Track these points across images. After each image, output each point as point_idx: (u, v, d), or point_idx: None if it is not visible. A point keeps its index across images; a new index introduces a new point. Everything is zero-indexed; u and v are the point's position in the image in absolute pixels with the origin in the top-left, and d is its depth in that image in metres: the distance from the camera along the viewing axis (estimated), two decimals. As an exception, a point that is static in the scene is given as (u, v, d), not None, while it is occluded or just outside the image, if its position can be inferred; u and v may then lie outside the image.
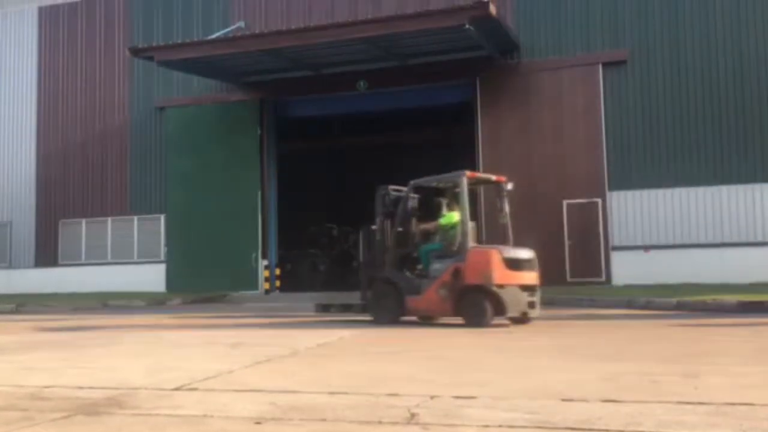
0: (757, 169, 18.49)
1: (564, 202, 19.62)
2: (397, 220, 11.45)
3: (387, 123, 26.00)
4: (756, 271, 17.45)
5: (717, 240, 18.57)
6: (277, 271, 22.42)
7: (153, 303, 19.00)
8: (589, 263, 19.26)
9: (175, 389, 5.48)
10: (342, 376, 6.06)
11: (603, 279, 19.12)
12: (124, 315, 15.68)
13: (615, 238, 19.29)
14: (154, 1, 23.81)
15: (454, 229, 10.89)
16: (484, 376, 5.86)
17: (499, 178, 11.41)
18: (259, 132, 22.50)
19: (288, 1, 22.38)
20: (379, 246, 11.60)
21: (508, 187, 11.28)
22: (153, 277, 22.78)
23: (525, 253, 10.62)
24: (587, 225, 19.41)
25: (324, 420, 4.35)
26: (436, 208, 11.52)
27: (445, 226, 11.16)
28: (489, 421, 4.20)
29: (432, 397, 4.90)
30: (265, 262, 22.13)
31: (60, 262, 24.32)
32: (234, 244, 21.97)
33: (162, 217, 23.28)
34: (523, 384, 5.47)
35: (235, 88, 22.77)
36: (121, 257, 23.66)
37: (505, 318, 10.36)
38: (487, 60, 20.29)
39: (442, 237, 11.23)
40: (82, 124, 24.46)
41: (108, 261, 23.82)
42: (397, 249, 11.51)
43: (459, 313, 10.44)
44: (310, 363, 7.02)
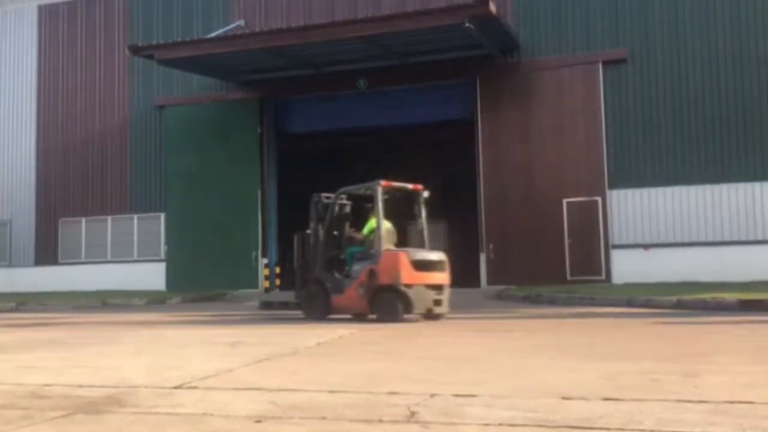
0: (756, 168, 18.50)
1: (564, 201, 19.64)
2: (325, 225, 12.35)
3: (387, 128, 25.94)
4: (756, 269, 17.47)
5: (717, 238, 18.58)
6: (277, 270, 22.43)
7: (153, 301, 19.00)
8: (588, 262, 19.28)
9: (175, 388, 5.48)
10: (342, 374, 6.06)
11: (603, 277, 19.14)
12: (124, 313, 15.69)
13: (615, 237, 19.30)
14: (153, 0, 23.80)
15: (373, 233, 11.81)
16: (483, 375, 5.86)
17: (416, 187, 12.16)
18: (258, 130, 22.50)
19: (288, 0, 22.37)
20: (312, 249, 12.49)
21: (424, 194, 12.11)
22: (153, 275, 22.79)
23: (434, 255, 11.66)
24: (587, 223, 19.42)
25: (324, 418, 4.35)
26: (366, 214, 12.37)
27: (369, 231, 12.08)
28: (489, 419, 4.20)
29: (432, 396, 4.90)
30: (265, 261, 22.15)
31: (60, 261, 24.33)
32: (234, 243, 21.98)
33: (162, 215, 23.29)
34: (522, 383, 5.47)
35: (234, 87, 22.77)
36: (121, 256, 23.67)
37: (416, 314, 11.23)
38: (488, 59, 20.29)
39: (366, 241, 12.14)
40: (82, 123, 24.47)
41: (108, 260, 23.83)
42: (326, 252, 12.40)
43: (374, 310, 11.32)
44: (310, 362, 7.02)
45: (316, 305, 12.08)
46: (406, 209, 12.60)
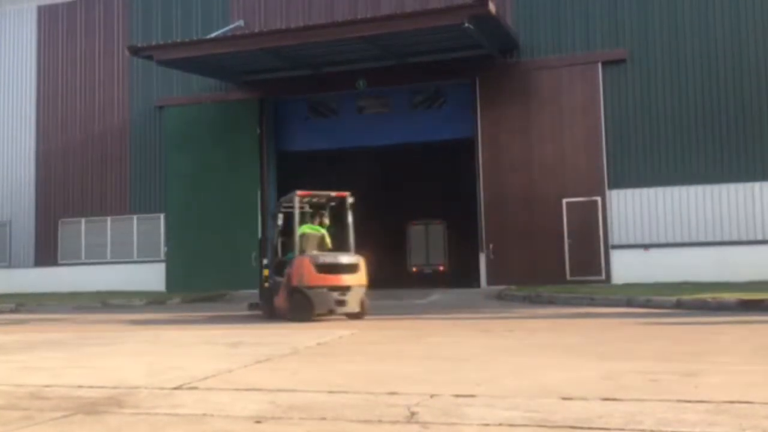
0: (756, 168, 18.50)
1: (563, 201, 19.64)
2: (275, 232, 13.45)
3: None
4: (756, 269, 17.47)
5: (716, 238, 18.58)
6: (277, 270, 22.39)
7: (153, 302, 19.00)
8: (588, 262, 19.28)
9: (175, 388, 5.49)
10: (342, 375, 6.06)
11: (603, 277, 19.14)
12: (124, 314, 15.69)
13: (614, 237, 19.30)
14: (153, 0, 23.80)
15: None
16: (483, 375, 5.86)
17: (339, 194, 12.99)
18: (258, 131, 22.50)
19: (287, 0, 22.37)
20: (271, 254, 13.62)
21: (349, 200, 12.84)
22: (153, 276, 22.78)
23: (344, 258, 12.37)
24: (587, 224, 19.42)
25: (324, 419, 4.35)
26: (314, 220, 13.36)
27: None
28: (489, 419, 4.20)
29: (432, 396, 4.91)
30: (265, 261, 22.09)
31: (60, 262, 24.32)
32: (233, 243, 21.96)
33: (161, 216, 23.27)
34: (522, 382, 5.47)
35: (234, 87, 22.77)
36: (121, 256, 23.66)
37: (341, 314, 12.09)
38: (487, 59, 20.29)
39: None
40: (82, 124, 24.46)
41: (108, 260, 23.82)
42: (276, 256, 13.51)
43: (291, 310, 12.08)
44: (310, 362, 7.02)
45: (268, 306, 13.11)
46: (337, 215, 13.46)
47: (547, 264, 19.46)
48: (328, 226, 13.18)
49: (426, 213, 28.49)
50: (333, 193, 13.02)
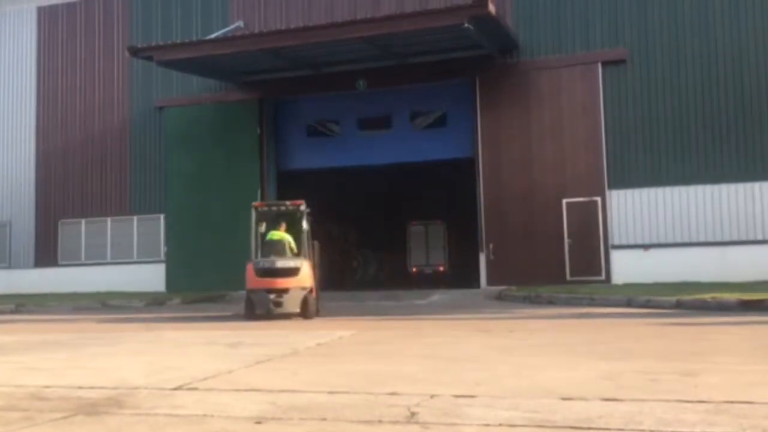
0: (756, 168, 18.49)
1: (564, 201, 19.63)
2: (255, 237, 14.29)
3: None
4: (756, 269, 17.46)
5: (716, 238, 18.57)
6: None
7: (153, 303, 19.00)
8: (588, 262, 19.27)
9: (175, 389, 5.49)
10: (342, 375, 6.06)
11: (603, 278, 19.13)
12: (124, 315, 15.69)
13: (614, 237, 19.30)
14: (153, 1, 23.80)
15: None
16: (483, 375, 5.87)
17: (294, 203, 13.92)
18: (258, 131, 22.50)
19: (287, 1, 22.36)
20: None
21: (301, 209, 13.76)
22: (153, 276, 22.77)
23: (281, 263, 13.20)
24: (587, 224, 19.41)
25: (324, 419, 4.36)
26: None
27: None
28: (489, 420, 4.20)
29: (432, 396, 4.91)
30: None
31: (60, 262, 24.31)
32: (234, 244, 21.92)
33: (161, 216, 23.26)
34: (522, 383, 5.47)
35: (234, 88, 22.76)
36: (121, 257, 23.66)
37: (279, 314, 12.89)
38: (487, 59, 20.29)
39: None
40: (82, 124, 24.45)
41: (108, 261, 23.81)
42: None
43: (244, 310, 13.41)
44: (310, 362, 7.03)
45: (249, 306, 13.79)
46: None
47: (547, 264, 19.46)
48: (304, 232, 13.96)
49: (426, 214, 28.51)
50: (288, 202, 14.16)
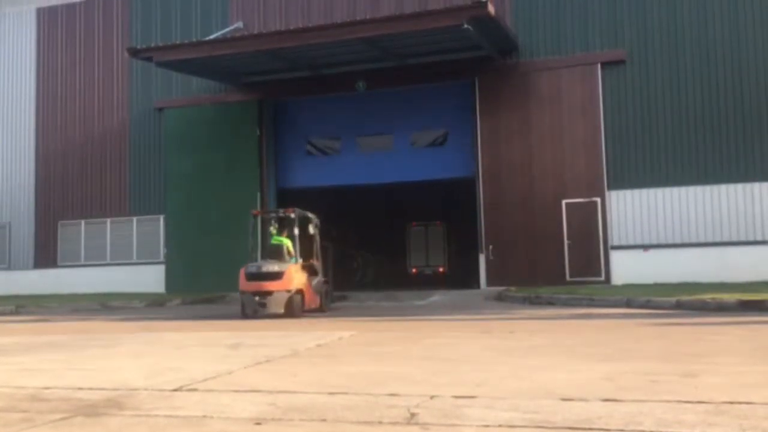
0: (756, 168, 18.51)
1: (563, 202, 19.64)
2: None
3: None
4: (755, 269, 17.49)
5: (716, 239, 18.58)
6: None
7: (152, 304, 19.00)
8: (588, 263, 19.28)
9: (174, 390, 5.49)
10: (342, 376, 6.06)
11: (602, 278, 19.14)
12: (124, 316, 15.69)
13: (614, 238, 19.31)
14: (152, 2, 23.81)
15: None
16: (483, 376, 5.86)
17: (287, 211, 15.09)
18: (257, 132, 22.50)
19: (286, 2, 22.38)
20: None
21: (291, 216, 14.87)
22: (152, 277, 22.78)
23: (266, 267, 14.23)
24: (586, 224, 19.43)
25: (324, 420, 4.35)
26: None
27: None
28: (489, 421, 4.20)
29: (432, 397, 4.91)
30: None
31: (59, 264, 24.32)
32: (233, 245, 21.92)
33: (161, 217, 23.27)
34: (522, 384, 5.47)
35: (233, 89, 22.77)
36: (121, 258, 23.66)
37: (264, 315, 13.78)
38: (486, 60, 20.30)
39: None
40: (81, 126, 24.46)
41: (107, 262, 23.82)
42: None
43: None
44: (310, 363, 7.02)
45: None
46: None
47: (547, 265, 19.47)
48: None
49: (426, 215, 28.52)
50: (281, 210, 15.45)
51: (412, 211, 29.67)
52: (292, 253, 14.65)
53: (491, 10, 17.23)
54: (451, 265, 27.80)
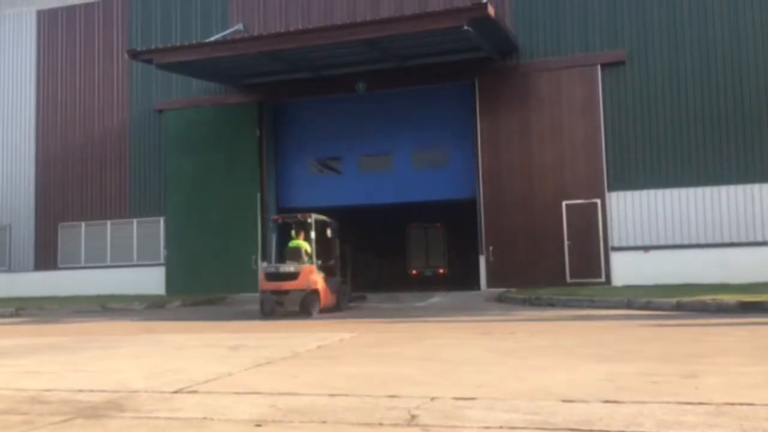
0: (756, 169, 18.50)
1: (563, 203, 19.64)
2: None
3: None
4: (755, 270, 17.47)
5: (716, 240, 18.58)
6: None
7: (152, 305, 18.99)
8: (588, 264, 19.27)
9: (175, 392, 5.48)
10: (342, 377, 6.06)
11: (603, 279, 19.13)
12: (124, 317, 15.69)
13: (614, 239, 19.30)
14: (152, 4, 23.82)
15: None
16: (483, 377, 5.86)
17: (304, 216, 15.54)
18: (258, 134, 22.51)
19: (286, 3, 22.38)
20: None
21: (308, 220, 15.36)
22: (152, 279, 22.78)
23: (282, 268, 14.92)
24: (586, 226, 19.42)
25: (324, 422, 4.35)
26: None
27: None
28: (489, 422, 4.20)
29: (432, 399, 4.91)
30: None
31: (59, 265, 24.31)
32: (233, 247, 21.96)
33: (161, 219, 23.27)
34: (522, 385, 5.47)
35: (233, 91, 22.77)
36: (121, 260, 23.65)
37: (282, 314, 14.39)
38: (486, 61, 20.31)
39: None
40: (81, 127, 24.47)
41: (107, 264, 23.81)
42: None
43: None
44: (310, 365, 7.02)
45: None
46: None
47: (547, 266, 19.46)
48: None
49: (426, 218, 28.51)
50: (299, 214, 15.72)
51: (412, 211, 29.67)
52: (310, 254, 15.22)
53: (491, 11, 17.24)
54: (452, 266, 27.79)
